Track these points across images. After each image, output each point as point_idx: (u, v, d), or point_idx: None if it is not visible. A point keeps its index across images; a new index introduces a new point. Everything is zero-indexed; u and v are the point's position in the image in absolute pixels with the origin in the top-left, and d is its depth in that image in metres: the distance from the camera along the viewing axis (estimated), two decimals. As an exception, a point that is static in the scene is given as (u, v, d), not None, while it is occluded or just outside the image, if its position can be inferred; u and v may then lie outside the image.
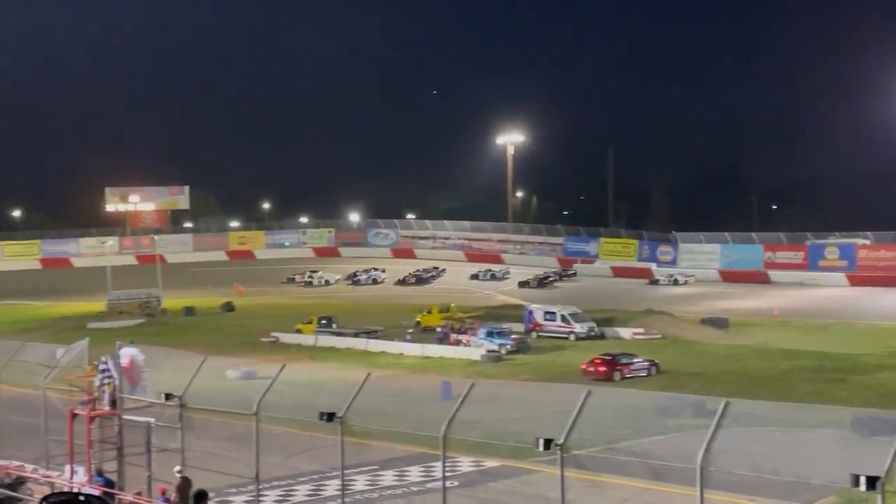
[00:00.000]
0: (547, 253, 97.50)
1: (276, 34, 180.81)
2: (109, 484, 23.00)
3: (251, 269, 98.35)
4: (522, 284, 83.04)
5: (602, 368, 42.82)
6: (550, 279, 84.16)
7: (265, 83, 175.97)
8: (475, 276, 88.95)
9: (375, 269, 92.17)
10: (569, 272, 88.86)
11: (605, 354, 44.78)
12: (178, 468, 22.98)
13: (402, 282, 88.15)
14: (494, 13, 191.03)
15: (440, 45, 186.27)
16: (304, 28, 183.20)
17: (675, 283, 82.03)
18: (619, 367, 43.04)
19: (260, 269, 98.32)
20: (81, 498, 2.63)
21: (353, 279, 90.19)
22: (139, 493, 23.06)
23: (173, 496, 21.59)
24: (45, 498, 2.85)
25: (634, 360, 44.04)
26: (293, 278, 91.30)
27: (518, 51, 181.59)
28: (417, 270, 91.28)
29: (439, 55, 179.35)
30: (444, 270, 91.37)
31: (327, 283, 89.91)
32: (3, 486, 22.72)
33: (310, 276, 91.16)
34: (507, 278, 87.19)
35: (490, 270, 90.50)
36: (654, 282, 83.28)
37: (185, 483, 20.26)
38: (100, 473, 23.37)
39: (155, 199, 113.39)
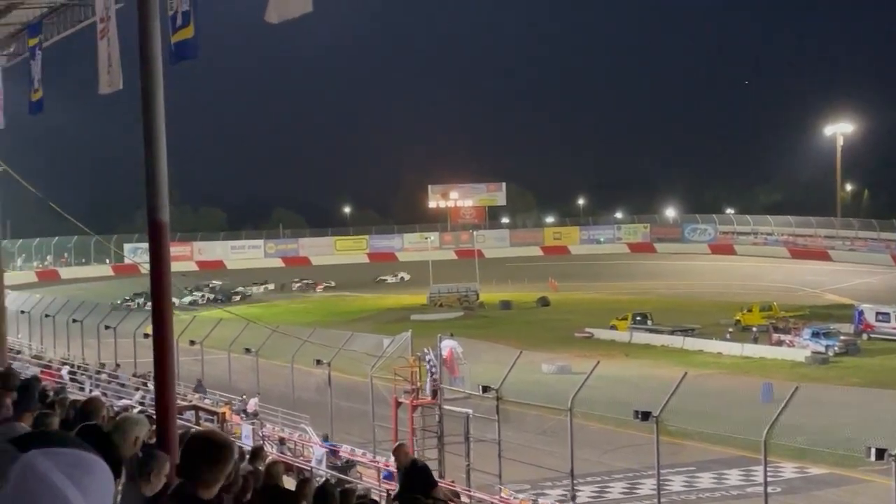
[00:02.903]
0: (880, 250, 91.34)
1: (584, 31, 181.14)
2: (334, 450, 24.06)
3: (566, 264, 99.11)
4: None
5: None
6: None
7: (580, 80, 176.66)
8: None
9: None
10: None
11: None
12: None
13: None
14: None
15: (759, 31, 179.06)
16: (611, 22, 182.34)
17: None
18: None
19: (574, 264, 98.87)
20: (430, 501, 2.64)
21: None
22: (453, 482, 23.81)
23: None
24: (394, 497, 2.91)
25: None
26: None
27: (846, 34, 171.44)
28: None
29: (758, 41, 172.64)
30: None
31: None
32: (335, 468, 24.14)
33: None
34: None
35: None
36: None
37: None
38: (326, 438, 24.71)
39: (473, 195, 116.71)
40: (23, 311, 44.35)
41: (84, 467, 1.57)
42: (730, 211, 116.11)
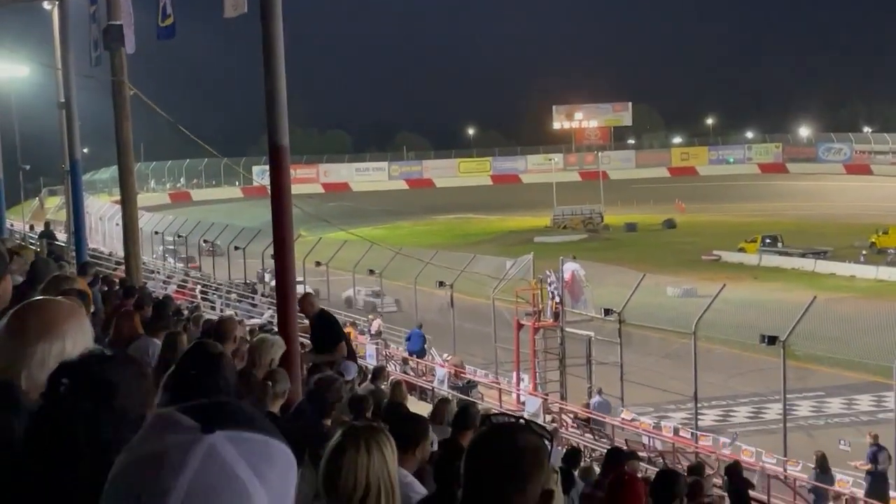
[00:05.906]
0: None
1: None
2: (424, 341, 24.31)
3: (694, 185, 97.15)
4: None
5: None
6: None
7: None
8: None
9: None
10: None
11: None
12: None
13: None
14: None
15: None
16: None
17: None
18: None
19: (703, 185, 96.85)
20: (522, 422, 2.55)
21: None
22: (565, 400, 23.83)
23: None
24: (488, 415, 2.81)
25: None
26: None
27: None
28: None
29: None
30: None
31: None
32: (456, 388, 24.45)
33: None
34: None
35: None
36: None
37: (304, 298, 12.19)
38: (419, 327, 25.74)
39: (599, 116, 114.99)
40: (156, 232, 45.81)
41: (270, 459, 1.32)
42: (867, 129, 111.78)
